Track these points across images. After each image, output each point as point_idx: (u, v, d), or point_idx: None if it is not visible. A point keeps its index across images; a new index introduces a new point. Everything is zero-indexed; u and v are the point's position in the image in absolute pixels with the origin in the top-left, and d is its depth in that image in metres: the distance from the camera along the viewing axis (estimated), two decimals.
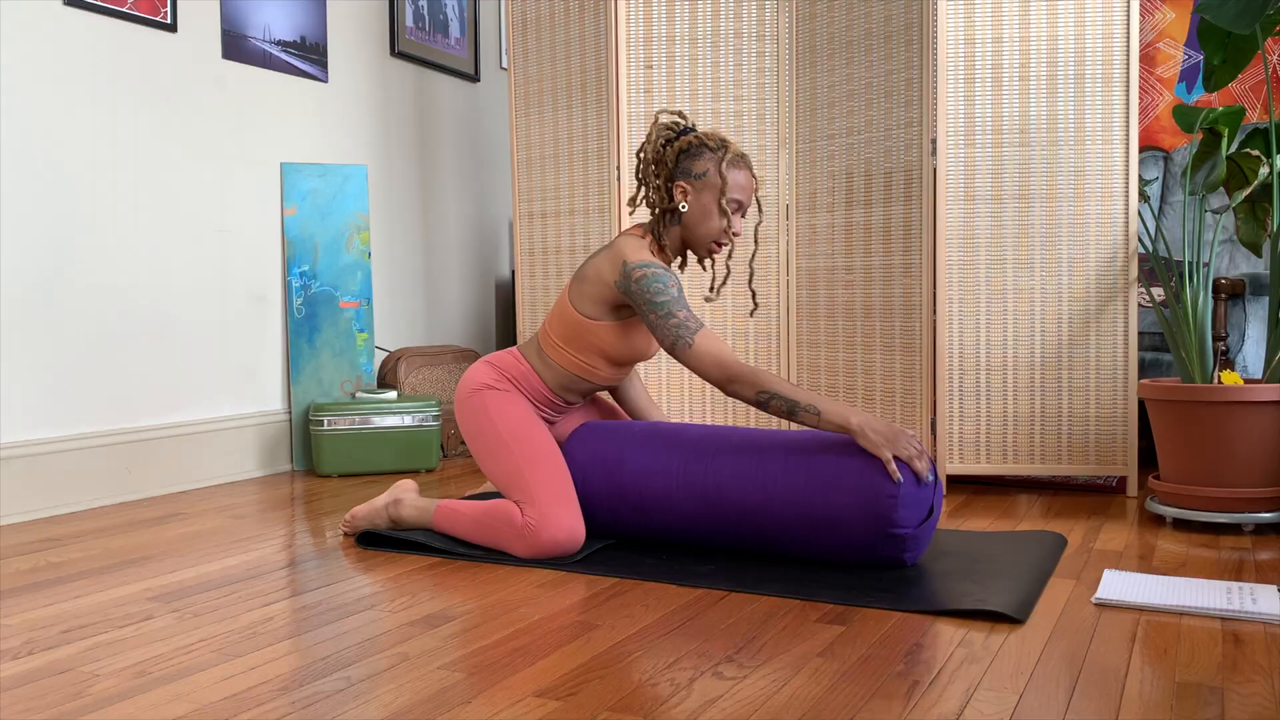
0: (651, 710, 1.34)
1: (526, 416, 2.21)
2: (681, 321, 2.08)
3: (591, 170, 3.21)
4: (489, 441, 2.19)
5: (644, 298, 2.09)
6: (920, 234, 2.82)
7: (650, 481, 2.16)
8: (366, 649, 1.60)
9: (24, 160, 2.71)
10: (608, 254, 2.18)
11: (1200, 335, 2.48)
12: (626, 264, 2.12)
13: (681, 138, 2.22)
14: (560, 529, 2.08)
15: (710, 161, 2.18)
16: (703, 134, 2.21)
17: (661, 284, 2.09)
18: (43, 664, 1.56)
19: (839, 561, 2.05)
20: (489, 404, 2.21)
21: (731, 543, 2.13)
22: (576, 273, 2.24)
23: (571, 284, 2.23)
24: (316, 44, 3.51)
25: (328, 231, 3.50)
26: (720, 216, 2.18)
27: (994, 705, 1.34)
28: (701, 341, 2.07)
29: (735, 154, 2.19)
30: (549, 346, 2.24)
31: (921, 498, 1.98)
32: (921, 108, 2.80)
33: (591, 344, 2.20)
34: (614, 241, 2.20)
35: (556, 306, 2.25)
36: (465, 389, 2.26)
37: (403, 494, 2.34)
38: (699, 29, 3.12)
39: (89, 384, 2.86)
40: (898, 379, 2.91)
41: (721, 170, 2.17)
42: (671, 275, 2.13)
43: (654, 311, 2.09)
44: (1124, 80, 2.73)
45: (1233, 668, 1.47)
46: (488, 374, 2.26)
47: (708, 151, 2.18)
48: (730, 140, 2.21)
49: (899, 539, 1.96)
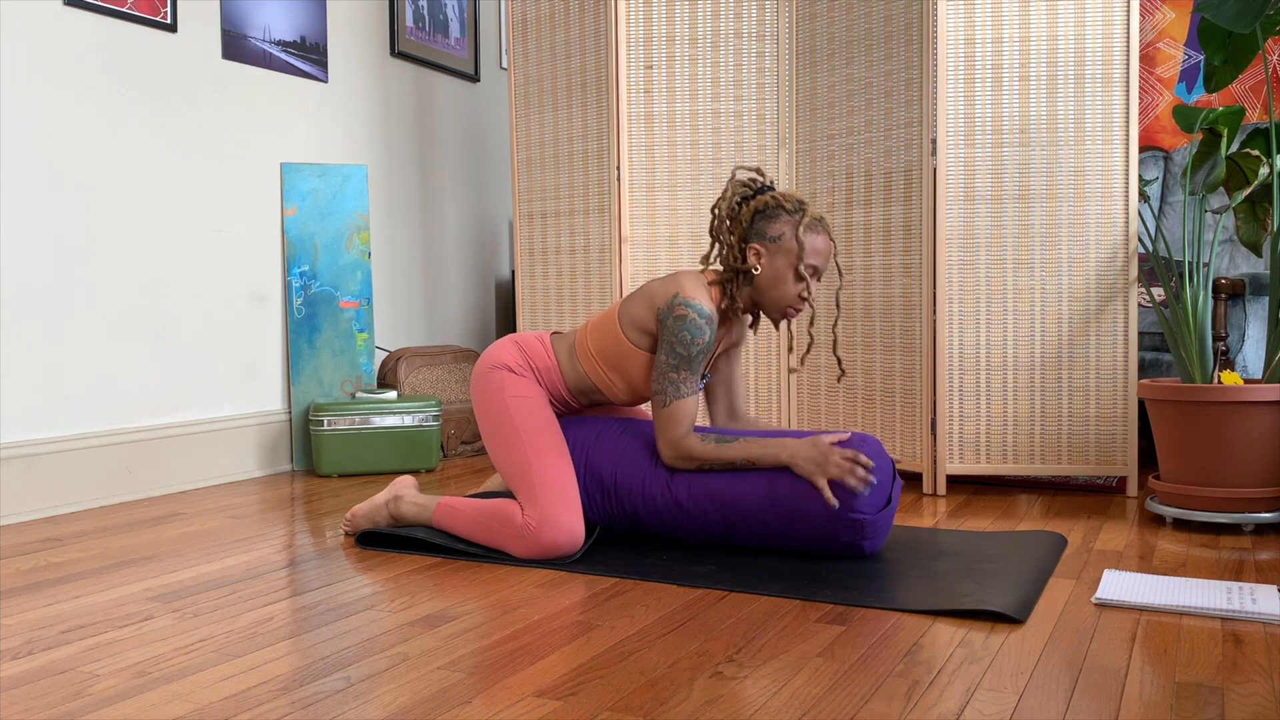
0: (651, 710, 1.34)
1: (540, 407, 2.19)
2: (678, 380, 2.08)
3: (591, 170, 3.21)
4: (500, 425, 2.18)
5: (669, 335, 2.08)
6: (920, 234, 2.82)
7: (623, 468, 2.20)
8: (366, 649, 1.60)
9: (24, 160, 2.71)
10: (667, 281, 2.15)
11: (1200, 335, 2.48)
12: (677, 296, 2.09)
13: (758, 196, 2.17)
14: (559, 532, 2.08)
15: (787, 225, 2.13)
16: (780, 195, 2.15)
17: (691, 334, 2.07)
18: (43, 664, 1.56)
19: (800, 550, 2.12)
20: (506, 386, 2.20)
21: (698, 531, 2.17)
22: (632, 293, 2.21)
23: (624, 302, 2.20)
24: (316, 44, 3.51)
25: (328, 231, 3.50)
26: (796, 282, 2.14)
27: (994, 705, 1.34)
28: (676, 407, 2.09)
29: (813, 218, 2.14)
30: (582, 352, 2.23)
31: (879, 485, 2.05)
32: (921, 108, 2.80)
33: (623, 367, 2.19)
34: (679, 273, 2.16)
35: (603, 317, 2.22)
36: (485, 364, 2.24)
37: (402, 490, 2.34)
38: (699, 29, 3.12)
39: (89, 384, 2.86)
40: (898, 379, 2.90)
41: (798, 235, 2.12)
42: (707, 332, 2.08)
43: (666, 354, 2.08)
44: (1124, 80, 2.73)
45: (1233, 668, 1.47)
46: (512, 356, 2.23)
47: (785, 214, 2.13)
48: (808, 202, 2.15)
49: (857, 524, 2.03)
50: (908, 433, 2.88)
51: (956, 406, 2.81)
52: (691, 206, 3.14)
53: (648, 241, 3.14)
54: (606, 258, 3.18)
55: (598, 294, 3.21)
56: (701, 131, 3.13)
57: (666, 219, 3.14)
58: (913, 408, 2.86)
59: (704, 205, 3.14)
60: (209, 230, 3.19)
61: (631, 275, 3.13)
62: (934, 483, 2.81)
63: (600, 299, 3.20)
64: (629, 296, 2.20)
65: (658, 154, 3.13)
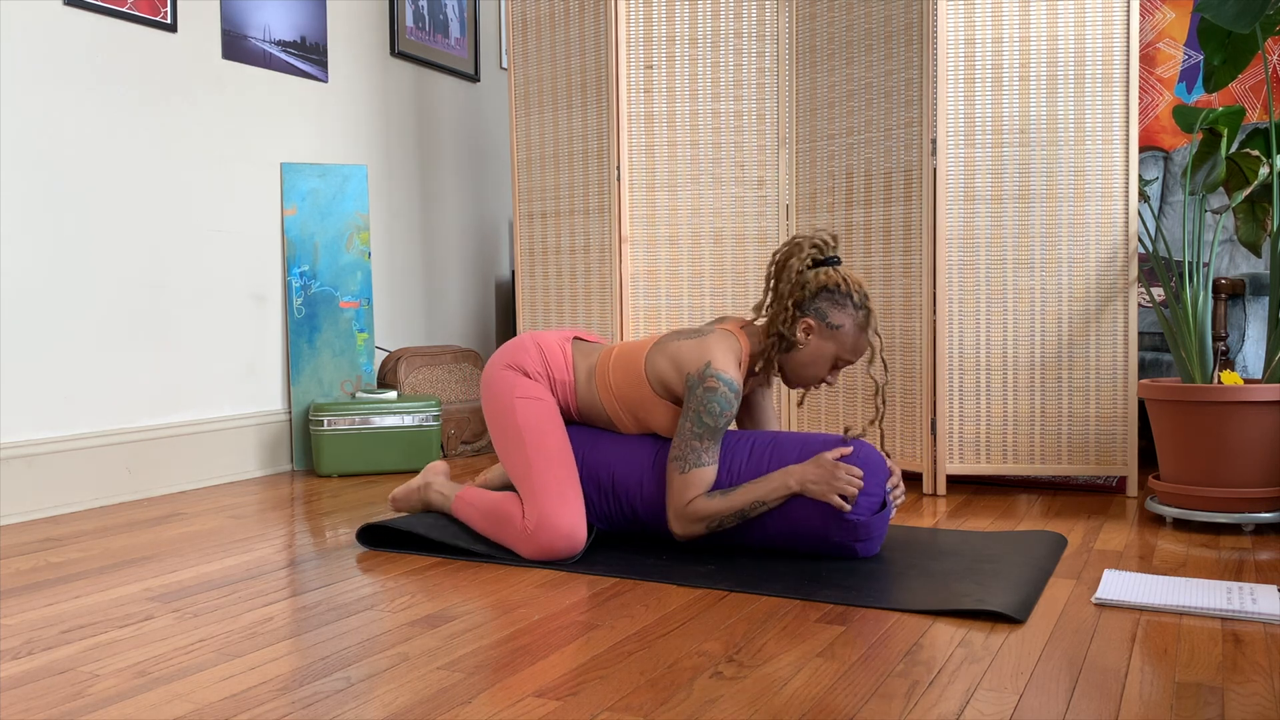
0: (651, 710, 1.34)
1: (547, 411, 2.18)
2: (700, 450, 2.07)
3: (591, 170, 3.21)
4: (505, 423, 2.17)
5: (696, 404, 2.06)
6: (920, 234, 2.82)
7: (621, 467, 2.19)
8: (366, 649, 1.60)
9: (24, 160, 2.71)
10: (698, 345, 2.12)
11: (1200, 335, 2.48)
12: (710, 366, 2.07)
13: (828, 270, 2.12)
14: (557, 535, 2.07)
15: (849, 318, 2.11)
16: (850, 279, 2.12)
17: (720, 407, 2.05)
18: (43, 664, 1.56)
19: (796, 550, 2.13)
20: (517, 385, 2.19)
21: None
22: (660, 342, 2.18)
23: (654, 348, 2.17)
24: (316, 44, 3.51)
25: (328, 231, 3.50)
26: (829, 370, 2.16)
27: (994, 705, 1.34)
28: (694, 476, 2.07)
29: (875, 323, 2.15)
30: (601, 382, 2.21)
31: (875, 488, 2.05)
32: (921, 108, 2.80)
33: (640, 412, 2.19)
34: (710, 336, 2.13)
35: (630, 354, 2.20)
36: (501, 361, 2.23)
37: (432, 478, 2.38)
38: (699, 29, 3.12)
39: (89, 384, 2.86)
40: (898, 379, 2.90)
41: (856, 333, 2.12)
42: (734, 407, 2.07)
43: (692, 422, 2.07)
44: (1124, 80, 2.73)
45: (1233, 668, 1.47)
46: (531, 361, 2.21)
47: (851, 307, 2.11)
48: (870, 299, 2.14)
49: (851, 525, 2.03)
50: (908, 433, 2.88)
51: (956, 406, 2.81)
52: (691, 206, 3.14)
53: (648, 241, 3.14)
54: (606, 258, 3.18)
55: (597, 294, 3.21)
56: (701, 131, 3.13)
57: (666, 219, 3.14)
58: (913, 408, 2.86)
59: (704, 205, 3.14)
60: (209, 230, 3.19)
61: (631, 275, 3.13)
62: (934, 483, 2.81)
63: (600, 299, 3.20)
64: (658, 346, 2.17)
65: (658, 154, 3.13)
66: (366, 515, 2.66)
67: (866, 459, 2.07)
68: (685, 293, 3.15)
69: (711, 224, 3.14)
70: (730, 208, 3.14)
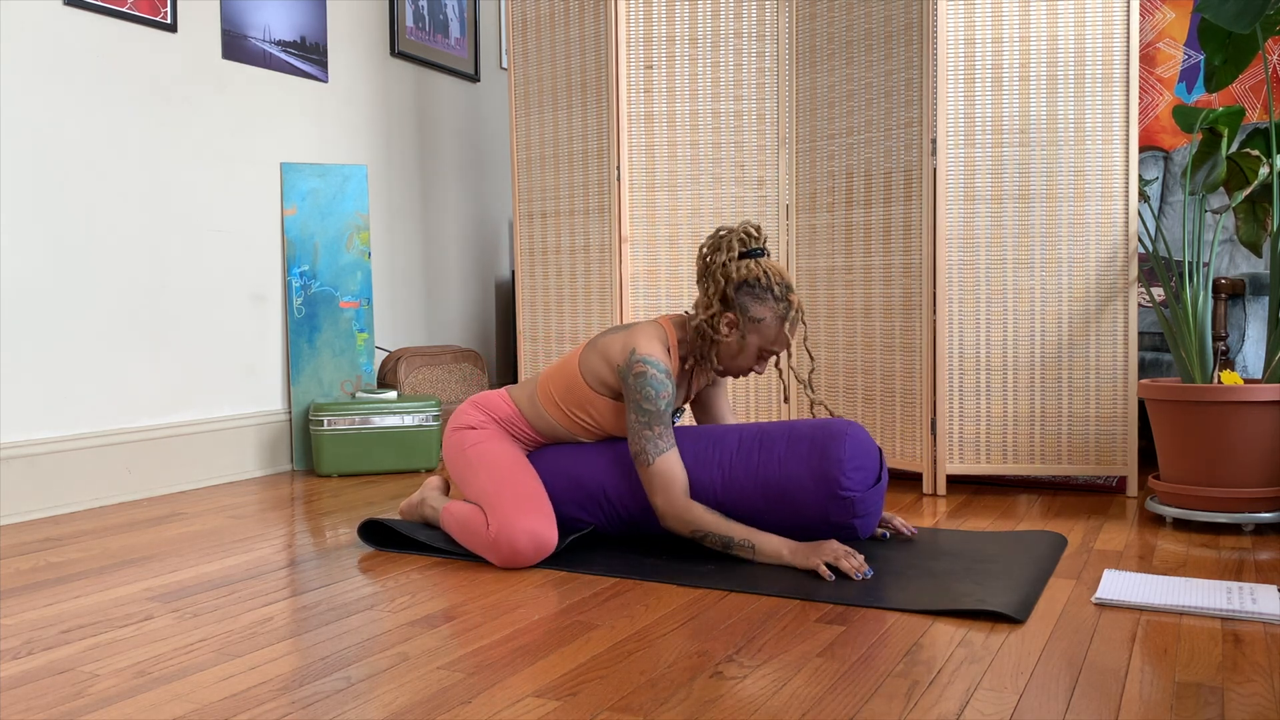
0: (651, 710, 1.34)
1: (501, 447, 2.23)
2: (655, 436, 2.08)
3: (591, 170, 3.21)
4: (463, 470, 2.22)
5: (633, 394, 2.09)
6: (920, 234, 2.82)
7: (611, 482, 2.21)
8: (366, 649, 1.60)
9: (24, 160, 2.71)
10: (623, 336, 2.15)
11: (1200, 335, 2.48)
12: (634, 353, 2.10)
13: (749, 262, 2.12)
14: (518, 537, 2.06)
15: (770, 311, 2.12)
16: (771, 270, 2.12)
17: (655, 390, 2.07)
18: (43, 664, 1.56)
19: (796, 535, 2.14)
20: (466, 440, 2.25)
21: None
22: (592, 340, 2.23)
23: (585, 349, 2.22)
24: (316, 44, 3.51)
25: (328, 231, 3.50)
26: (756, 361, 2.17)
27: (994, 705, 1.34)
28: (661, 465, 2.08)
29: (796, 312, 2.13)
30: (545, 399, 2.25)
31: (867, 464, 2.09)
32: (921, 108, 2.80)
33: (588, 411, 2.22)
34: (635, 326, 2.17)
35: (562, 364, 2.25)
36: (449, 430, 2.30)
37: (428, 493, 2.41)
38: (699, 29, 3.12)
39: (89, 384, 2.86)
40: (898, 379, 2.90)
41: (777, 326, 2.13)
42: (668, 385, 2.09)
43: (635, 413, 2.09)
44: (1124, 80, 2.73)
45: (1233, 668, 1.47)
46: (472, 416, 2.28)
47: (771, 300, 2.11)
48: (793, 290, 2.13)
49: (847, 501, 2.06)
50: (908, 433, 2.88)
51: (956, 406, 2.81)
52: (691, 206, 3.14)
53: (648, 241, 3.14)
54: (606, 257, 3.18)
55: (598, 294, 3.21)
56: (701, 131, 3.13)
57: (666, 219, 3.14)
58: (913, 408, 2.86)
59: (704, 205, 3.14)
60: (209, 230, 3.19)
61: (631, 275, 3.13)
62: (934, 483, 2.81)
63: (600, 299, 3.20)
64: (587, 346, 2.22)
65: (658, 154, 3.13)
66: (366, 514, 2.66)
67: (856, 437, 2.11)
68: (685, 293, 3.15)
69: (711, 224, 3.14)
70: (730, 208, 3.14)
